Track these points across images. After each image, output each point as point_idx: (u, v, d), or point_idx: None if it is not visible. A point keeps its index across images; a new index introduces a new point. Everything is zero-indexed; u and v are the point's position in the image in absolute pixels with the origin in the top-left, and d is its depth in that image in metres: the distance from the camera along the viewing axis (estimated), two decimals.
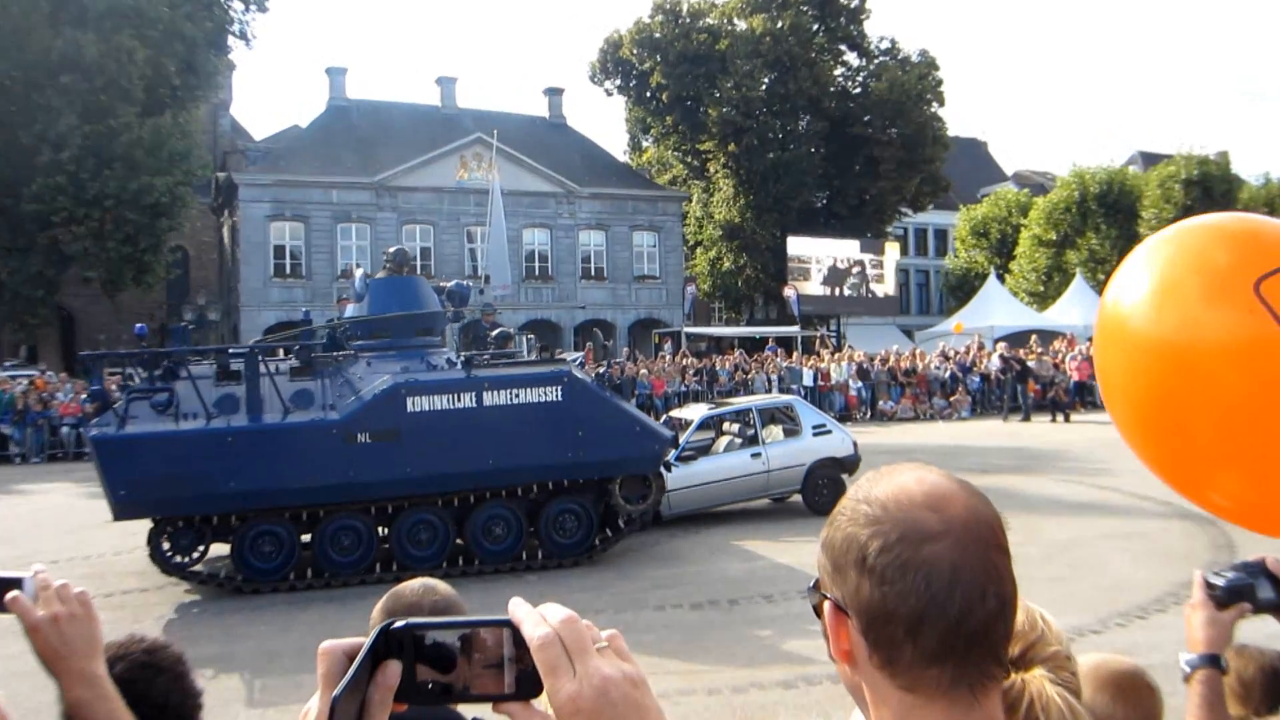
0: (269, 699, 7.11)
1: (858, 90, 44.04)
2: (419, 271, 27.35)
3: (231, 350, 11.51)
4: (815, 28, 43.30)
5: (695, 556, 11.45)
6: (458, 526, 10.79)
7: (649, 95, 43.96)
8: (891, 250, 44.83)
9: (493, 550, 10.80)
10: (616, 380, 22.55)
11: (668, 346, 32.68)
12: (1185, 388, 1.93)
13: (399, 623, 0.85)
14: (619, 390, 18.91)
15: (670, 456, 11.85)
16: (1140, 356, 2.01)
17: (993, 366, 29.05)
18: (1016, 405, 27.18)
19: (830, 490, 13.49)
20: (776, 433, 14.08)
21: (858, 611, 1.03)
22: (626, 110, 47.40)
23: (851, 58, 45.01)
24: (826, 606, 1.07)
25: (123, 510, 9.84)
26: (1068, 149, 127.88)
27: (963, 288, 48.61)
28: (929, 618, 0.99)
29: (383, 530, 10.79)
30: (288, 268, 36.72)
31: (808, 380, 28.16)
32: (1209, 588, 1.80)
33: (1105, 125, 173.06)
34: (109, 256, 30.00)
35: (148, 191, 29.20)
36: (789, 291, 39.59)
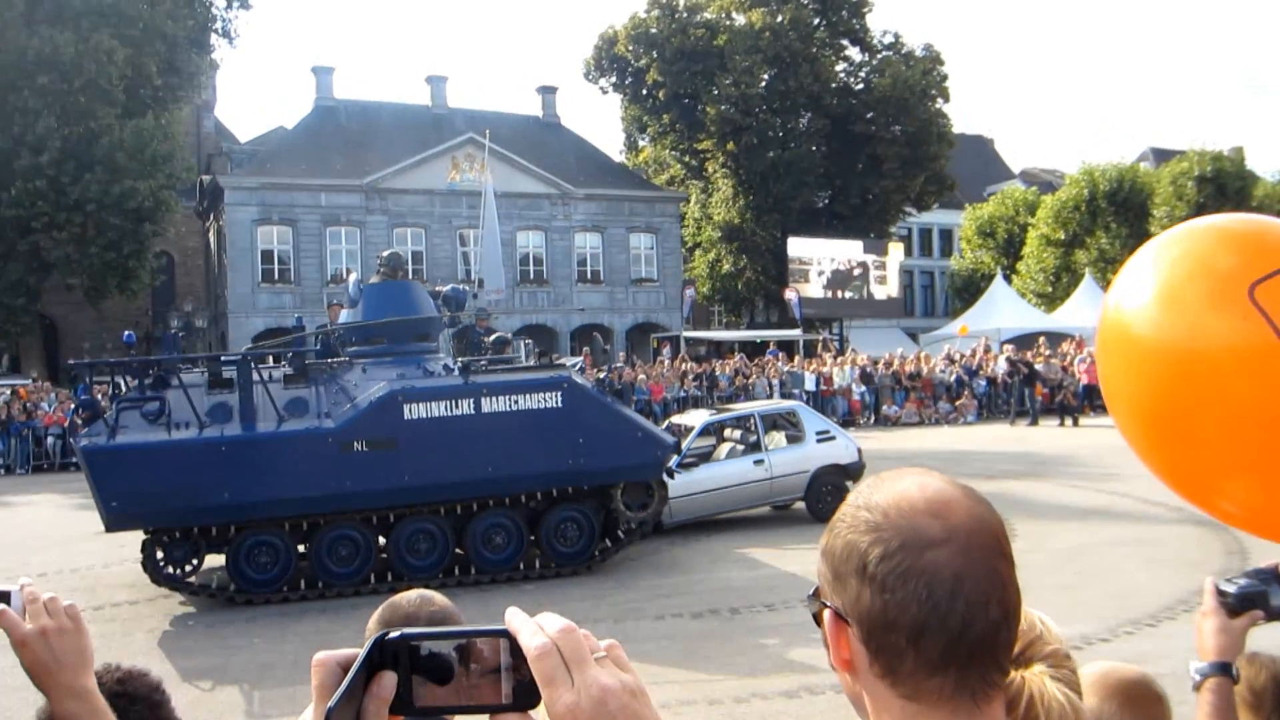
0: (263, 711, 7.21)
1: (860, 86, 43.56)
2: (411, 276, 26.75)
3: (224, 358, 11.56)
4: (816, 22, 42.78)
5: (696, 565, 11.47)
6: (457, 536, 10.79)
7: (645, 93, 43.61)
8: (895, 251, 44.78)
9: (493, 559, 10.79)
10: (617, 385, 22.38)
11: (666, 351, 32.69)
12: (1188, 394, 1.92)
13: (394, 633, 0.85)
14: (620, 396, 18.52)
15: (672, 463, 11.82)
16: (1143, 362, 2.01)
17: (999, 369, 28.98)
18: (1024, 409, 27.04)
19: (834, 497, 13.49)
20: (779, 439, 14.11)
21: (858, 620, 1.03)
22: (622, 109, 47.03)
23: (854, 53, 44.53)
24: (826, 615, 1.07)
25: (115, 522, 9.81)
26: (1077, 146, 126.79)
27: (968, 289, 48.22)
28: (931, 627, 0.99)
29: (381, 540, 10.77)
30: (276, 273, 36.21)
31: (810, 385, 28.28)
32: (1220, 595, 1.81)
33: (1115, 121, 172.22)
34: (92, 263, 29.67)
35: (130, 196, 28.84)
36: (790, 294, 39.33)
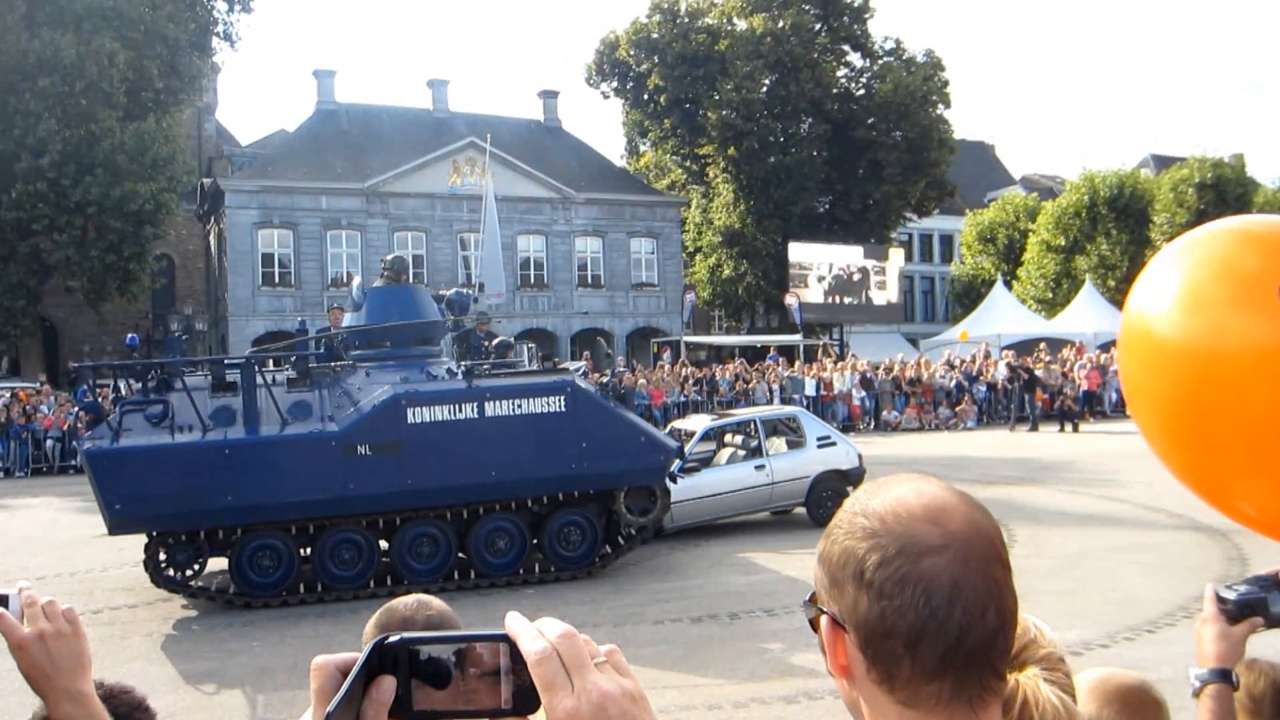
0: (264, 714, 7.21)
1: (861, 92, 43.45)
2: (412, 280, 26.70)
3: (227, 361, 11.57)
4: (817, 28, 42.69)
5: (696, 569, 11.43)
6: (460, 540, 10.74)
7: (646, 98, 43.50)
8: (896, 256, 44.66)
9: (495, 563, 10.75)
10: (621, 390, 22.40)
11: (666, 356, 32.60)
12: (1212, 396, 1.90)
13: (393, 637, 0.85)
14: (623, 400, 18.53)
15: (675, 468, 11.86)
16: (1166, 363, 1.99)
17: (999, 375, 28.96)
18: (1024, 415, 26.99)
19: (835, 503, 13.47)
20: (780, 444, 14.10)
21: (855, 626, 1.03)
22: (623, 113, 46.98)
23: (855, 58, 44.44)
24: (823, 621, 1.07)
25: (118, 525, 9.77)
26: (1077, 152, 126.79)
27: (969, 295, 48.17)
28: (928, 633, 0.98)
29: (383, 544, 10.73)
30: (276, 276, 36.16)
31: (810, 390, 28.26)
32: (1220, 602, 1.80)
33: (1116, 127, 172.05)
34: (92, 265, 29.64)
35: (131, 198, 28.81)
36: (790, 299, 39.27)
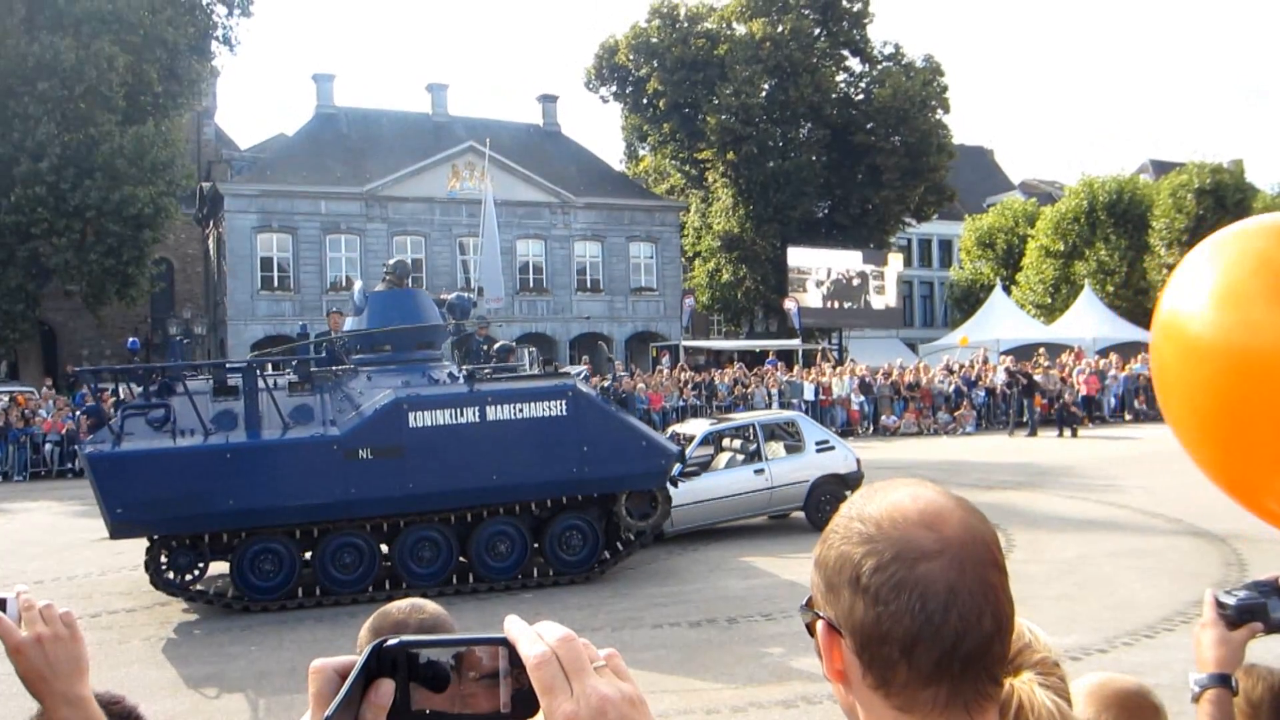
0: (262, 718, 7.22)
1: (860, 97, 43.51)
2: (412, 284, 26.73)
3: (229, 365, 11.60)
4: (817, 32, 42.71)
5: (694, 574, 11.41)
6: (461, 544, 10.74)
7: (646, 102, 43.53)
8: (895, 261, 44.67)
9: (496, 567, 10.76)
10: (622, 394, 22.30)
11: (665, 360, 32.56)
12: (1247, 392, 1.89)
13: (392, 640, 0.84)
14: (625, 404, 18.51)
15: (675, 472, 11.92)
16: (1199, 359, 1.98)
17: (998, 380, 28.94)
18: (1023, 420, 27.00)
19: (833, 507, 13.49)
20: (779, 449, 14.10)
21: (851, 631, 1.02)
22: (623, 118, 47.00)
23: (854, 63, 44.46)
24: (820, 626, 1.06)
25: (119, 529, 9.76)
26: (1076, 157, 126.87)
27: (968, 300, 48.17)
28: (924, 638, 0.98)
29: (384, 548, 10.74)
30: (275, 280, 36.16)
31: (809, 394, 28.20)
32: (1220, 607, 1.80)
33: (1115, 133, 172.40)
34: (91, 269, 29.59)
35: (130, 202, 28.78)
36: (789, 304, 39.25)
